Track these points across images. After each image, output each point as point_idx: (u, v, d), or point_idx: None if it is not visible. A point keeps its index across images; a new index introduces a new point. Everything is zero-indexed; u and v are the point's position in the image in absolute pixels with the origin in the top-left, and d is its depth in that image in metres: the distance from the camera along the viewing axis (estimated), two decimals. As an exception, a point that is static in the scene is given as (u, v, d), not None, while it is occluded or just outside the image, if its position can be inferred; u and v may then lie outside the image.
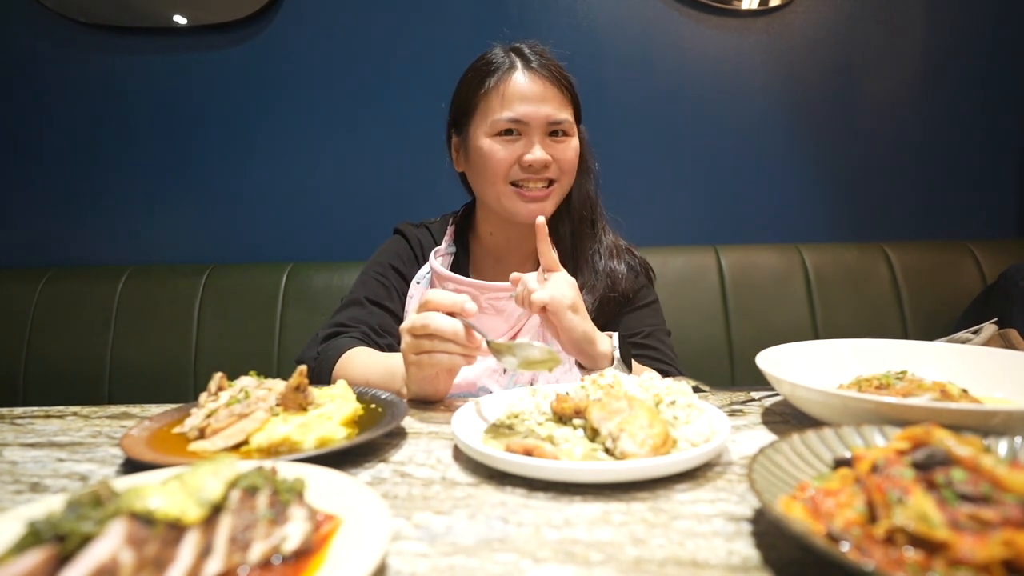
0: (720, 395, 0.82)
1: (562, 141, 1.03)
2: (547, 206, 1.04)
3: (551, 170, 1.03)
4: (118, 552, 0.32)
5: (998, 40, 1.90)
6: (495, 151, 1.02)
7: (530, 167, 1.01)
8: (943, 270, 1.71)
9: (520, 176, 1.02)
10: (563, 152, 1.03)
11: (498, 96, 1.02)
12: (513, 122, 1.01)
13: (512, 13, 1.85)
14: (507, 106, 1.01)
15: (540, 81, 1.01)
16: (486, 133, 1.03)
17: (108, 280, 1.72)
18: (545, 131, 1.02)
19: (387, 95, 1.87)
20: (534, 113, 1.00)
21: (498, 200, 1.05)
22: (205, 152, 1.88)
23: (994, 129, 1.92)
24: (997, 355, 0.76)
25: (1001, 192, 1.94)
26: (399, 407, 0.70)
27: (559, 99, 1.03)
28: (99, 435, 0.71)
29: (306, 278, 1.71)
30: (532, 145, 1.01)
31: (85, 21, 1.82)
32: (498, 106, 1.01)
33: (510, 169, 1.02)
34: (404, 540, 0.44)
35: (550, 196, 1.04)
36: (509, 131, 1.02)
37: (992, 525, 0.35)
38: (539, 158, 1.00)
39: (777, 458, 0.47)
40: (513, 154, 1.01)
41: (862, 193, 1.93)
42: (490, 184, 1.04)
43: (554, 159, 1.02)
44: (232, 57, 1.86)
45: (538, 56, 1.04)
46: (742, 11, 1.87)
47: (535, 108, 1.00)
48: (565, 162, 1.04)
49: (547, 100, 1.01)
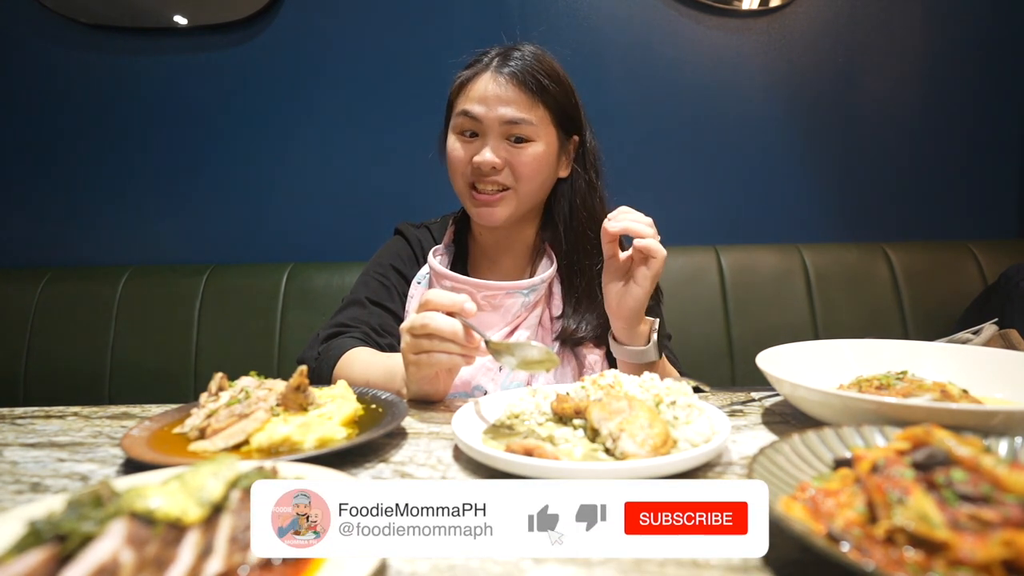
0: (720, 395, 0.82)
1: (521, 147, 0.99)
2: (497, 211, 1.01)
3: (503, 175, 1.00)
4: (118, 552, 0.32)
5: (998, 40, 1.90)
6: (454, 149, 1.02)
7: (479, 169, 0.99)
8: (943, 270, 1.71)
9: (473, 178, 1.01)
10: (519, 157, 0.99)
11: (464, 93, 1.01)
12: (465, 116, 0.99)
13: (513, 13, 1.85)
14: (466, 103, 1.00)
15: (505, 83, 0.98)
16: (452, 130, 1.03)
17: (108, 280, 1.72)
18: (501, 134, 0.99)
19: (387, 95, 1.87)
20: (488, 112, 0.98)
21: (462, 201, 1.06)
22: (205, 152, 1.88)
23: (994, 129, 1.92)
24: (997, 355, 0.76)
25: (1001, 192, 1.94)
26: (399, 407, 0.70)
27: (522, 102, 0.98)
28: (99, 435, 0.71)
29: (306, 278, 1.71)
30: (484, 147, 0.99)
31: (85, 21, 1.82)
32: (462, 102, 1.01)
33: (465, 168, 1.01)
34: (404, 540, 0.44)
35: (501, 201, 1.01)
36: (472, 132, 1.01)
37: (992, 525, 0.35)
38: (486, 160, 0.98)
39: (777, 458, 0.47)
40: (468, 154, 1.00)
41: (862, 193, 1.93)
42: (454, 184, 1.05)
43: (508, 163, 0.99)
44: (232, 57, 1.86)
45: (521, 60, 1.00)
46: (742, 11, 1.87)
47: (490, 108, 0.98)
48: (520, 167, 0.99)
49: (506, 102, 0.98)
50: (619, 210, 0.91)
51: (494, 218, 1.02)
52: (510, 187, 1.01)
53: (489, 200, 1.01)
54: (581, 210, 1.07)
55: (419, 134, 1.81)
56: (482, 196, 1.01)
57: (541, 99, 1.00)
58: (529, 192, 1.03)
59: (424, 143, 1.17)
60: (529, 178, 1.01)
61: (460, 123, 1.01)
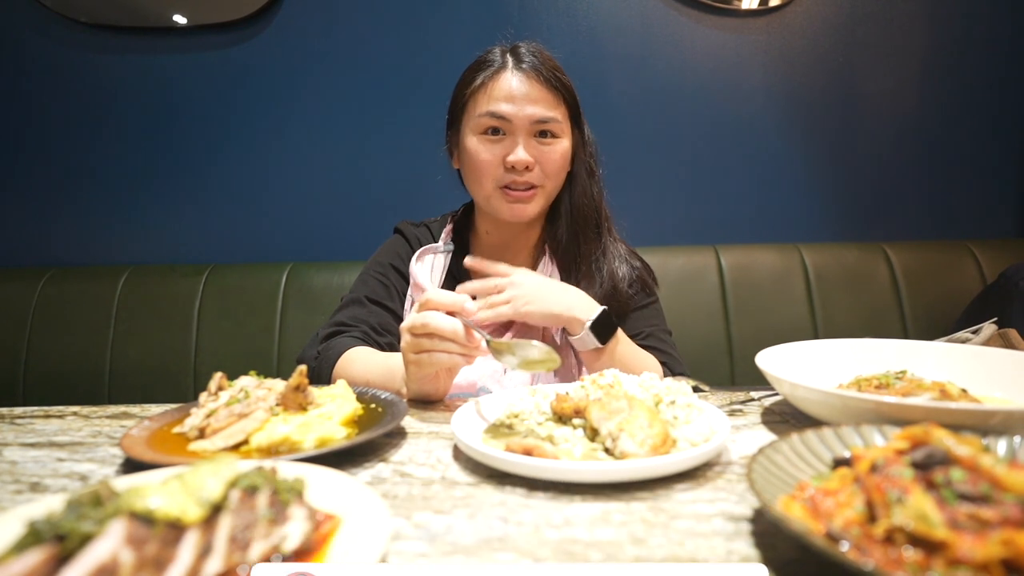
0: (720, 395, 0.82)
1: (549, 143, 1.01)
2: (529, 208, 1.03)
3: (534, 174, 1.01)
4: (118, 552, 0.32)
5: (998, 40, 1.90)
6: (479, 152, 1.01)
7: (512, 168, 1.00)
8: (943, 270, 1.71)
9: (505, 179, 1.01)
10: (549, 155, 1.01)
11: (485, 93, 1.01)
12: (495, 117, 0.99)
13: (512, 13, 1.85)
14: (492, 103, 1.00)
15: (529, 81, 1.00)
16: (473, 131, 1.02)
17: (108, 280, 1.72)
18: (530, 132, 1.00)
19: (387, 95, 1.87)
20: (518, 112, 0.99)
21: (487, 201, 1.05)
22: (205, 152, 1.88)
23: (994, 129, 1.92)
24: (997, 355, 0.76)
25: (1001, 192, 1.94)
26: (399, 407, 0.70)
27: (548, 100, 1.00)
28: (99, 435, 0.71)
29: (306, 278, 1.71)
30: (516, 145, 0.99)
31: (85, 21, 1.82)
32: (484, 103, 1.00)
33: (495, 171, 1.01)
34: (404, 540, 0.44)
35: (533, 198, 1.03)
36: (496, 130, 1.01)
37: (991, 524, 0.35)
38: (521, 159, 0.98)
39: (777, 458, 0.47)
40: (498, 155, 1.00)
41: (862, 193, 1.93)
42: (478, 185, 1.04)
43: (538, 161, 1.01)
44: (232, 57, 1.86)
45: (533, 57, 1.02)
46: (742, 11, 1.87)
47: (520, 107, 0.99)
48: (550, 164, 1.02)
49: (534, 100, 0.99)
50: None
51: (526, 214, 1.04)
52: (539, 185, 1.02)
53: (522, 197, 1.02)
54: (582, 201, 1.08)
55: (419, 134, 1.83)
56: (515, 193, 1.02)
57: (560, 94, 1.02)
58: (555, 188, 1.06)
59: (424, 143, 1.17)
60: (557, 174, 1.04)
61: (484, 123, 1.01)
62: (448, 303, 0.75)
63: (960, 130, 1.92)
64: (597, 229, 1.11)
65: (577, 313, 0.93)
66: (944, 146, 1.92)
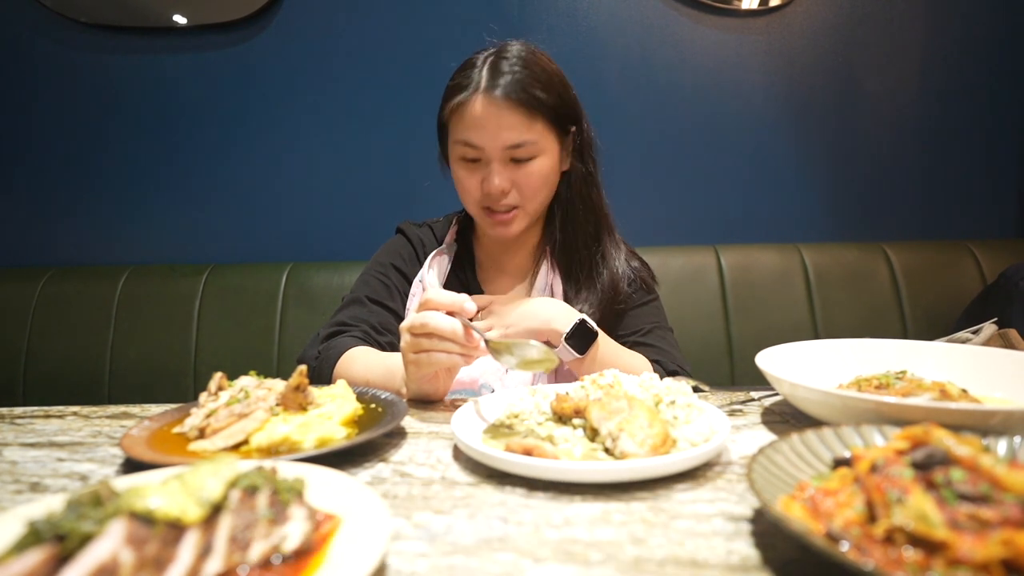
0: (720, 395, 0.82)
1: (524, 166, 0.99)
2: (512, 228, 1.04)
3: (511, 197, 1.01)
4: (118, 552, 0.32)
5: (998, 40, 1.90)
6: (461, 177, 1.02)
7: (488, 195, 1.00)
8: (943, 270, 1.71)
9: (485, 201, 1.02)
10: (525, 178, 1.00)
11: (459, 118, 0.99)
12: (467, 145, 0.99)
13: (512, 13, 1.85)
14: (464, 131, 0.98)
15: (498, 106, 0.95)
16: (454, 155, 1.03)
17: (108, 280, 1.72)
18: (504, 158, 0.99)
19: (387, 94, 1.87)
20: (489, 141, 0.97)
21: (475, 217, 1.08)
22: (206, 152, 1.88)
23: (994, 129, 1.92)
24: (997, 355, 0.76)
25: (1001, 192, 1.94)
26: (399, 407, 0.70)
27: (520, 123, 0.96)
28: (99, 435, 0.71)
29: (306, 278, 1.71)
30: (491, 173, 0.98)
31: (85, 21, 1.82)
32: (459, 129, 0.99)
33: (476, 194, 1.02)
34: (404, 540, 0.44)
35: (514, 220, 1.03)
36: (475, 158, 1.00)
37: (991, 525, 0.35)
38: (496, 186, 0.98)
39: (776, 458, 0.47)
40: (476, 181, 1.01)
41: (862, 193, 1.93)
42: (465, 203, 1.06)
43: (515, 184, 1.00)
44: (232, 57, 1.86)
45: (512, 68, 0.97)
46: (742, 11, 1.87)
47: (492, 135, 0.97)
48: (527, 187, 1.00)
49: (506, 126, 0.96)
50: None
51: (509, 234, 1.05)
52: (519, 206, 1.02)
53: (503, 219, 1.03)
54: (580, 200, 1.08)
55: (419, 134, 1.83)
56: (497, 216, 1.02)
57: (538, 111, 0.98)
58: (539, 204, 1.05)
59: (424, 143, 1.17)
60: (536, 193, 1.03)
61: (461, 151, 1.00)
62: (448, 303, 0.75)
63: (960, 130, 1.92)
64: (596, 229, 1.11)
65: (555, 326, 0.93)
66: (944, 146, 1.92)
